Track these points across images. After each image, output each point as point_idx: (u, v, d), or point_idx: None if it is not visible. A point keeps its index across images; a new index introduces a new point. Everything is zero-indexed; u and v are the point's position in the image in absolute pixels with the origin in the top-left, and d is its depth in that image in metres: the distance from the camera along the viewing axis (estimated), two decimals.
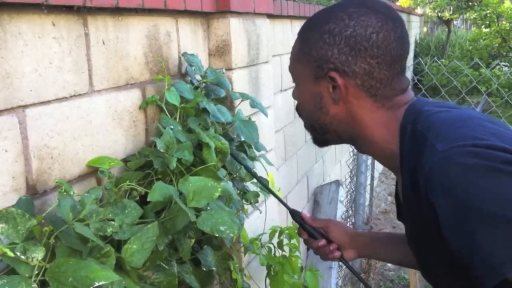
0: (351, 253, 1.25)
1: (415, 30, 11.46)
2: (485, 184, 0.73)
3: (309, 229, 1.24)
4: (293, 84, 1.06)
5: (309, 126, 1.05)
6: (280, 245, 1.69)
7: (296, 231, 1.30)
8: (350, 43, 0.91)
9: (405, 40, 0.94)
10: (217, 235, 1.04)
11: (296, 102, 1.07)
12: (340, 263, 1.34)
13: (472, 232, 0.73)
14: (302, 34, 1.00)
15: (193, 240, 1.19)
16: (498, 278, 0.70)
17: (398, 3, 8.59)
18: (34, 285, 0.78)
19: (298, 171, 2.88)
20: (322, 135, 1.03)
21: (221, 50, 1.62)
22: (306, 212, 1.27)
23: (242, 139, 1.47)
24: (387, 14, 0.93)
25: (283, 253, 1.68)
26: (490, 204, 0.72)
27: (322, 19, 0.95)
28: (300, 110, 1.06)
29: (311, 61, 0.95)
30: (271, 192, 1.34)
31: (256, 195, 1.52)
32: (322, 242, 1.22)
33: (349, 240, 1.23)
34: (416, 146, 0.86)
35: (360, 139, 0.99)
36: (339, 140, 1.04)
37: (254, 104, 1.56)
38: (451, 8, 10.49)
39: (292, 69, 1.03)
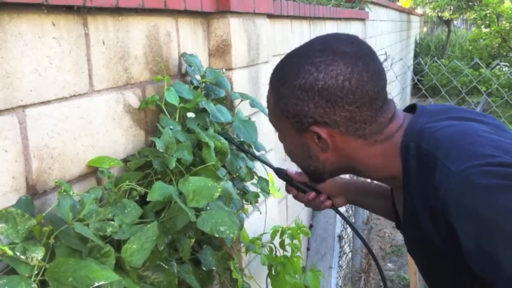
0: (340, 200, 1.24)
1: (415, 30, 11.46)
2: (505, 203, 0.74)
3: (298, 184, 1.23)
4: None
5: (303, 171, 1.07)
6: (282, 245, 1.69)
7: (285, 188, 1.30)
8: (324, 95, 0.88)
9: (380, 72, 0.91)
10: (217, 236, 1.04)
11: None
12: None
13: (495, 254, 0.74)
14: (274, 87, 0.97)
15: (193, 240, 1.19)
16: None
17: (398, 3, 8.59)
18: (34, 285, 0.78)
19: (298, 171, 2.87)
20: (317, 176, 1.04)
21: (221, 50, 1.62)
22: (290, 168, 1.25)
23: (242, 139, 1.47)
24: (354, 54, 0.89)
25: (285, 253, 1.68)
26: (510, 223, 0.73)
27: (290, 73, 0.92)
28: (289, 156, 1.05)
29: (289, 116, 0.93)
30: (256, 157, 1.33)
31: (256, 195, 1.52)
32: (312, 194, 1.20)
33: (338, 189, 1.23)
34: (424, 165, 0.85)
35: (357, 172, 0.99)
36: (335, 175, 1.05)
37: (254, 104, 1.56)
38: (451, 8, 10.50)
39: (272, 121, 1.02)
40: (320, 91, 0.88)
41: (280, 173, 1.26)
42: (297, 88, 0.90)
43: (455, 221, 0.78)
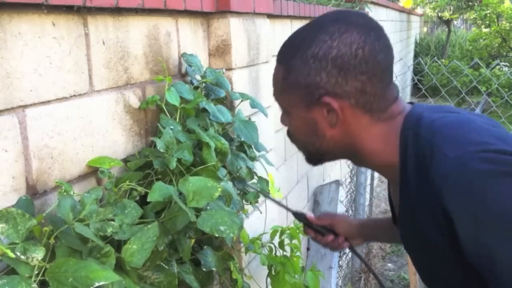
0: (358, 241, 1.32)
1: (415, 30, 11.46)
2: (501, 189, 0.74)
3: (317, 227, 1.31)
4: None
5: (303, 151, 1.03)
6: (281, 245, 1.69)
7: (302, 229, 1.40)
8: (337, 64, 0.87)
9: (390, 47, 0.92)
10: (217, 235, 1.04)
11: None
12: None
13: (491, 239, 0.75)
14: (283, 61, 0.95)
15: (193, 240, 1.19)
16: None
17: (400, 4, 8.58)
18: (34, 285, 0.78)
19: (298, 171, 2.88)
20: (317, 157, 1.02)
21: (221, 50, 1.62)
22: (309, 212, 1.33)
23: (242, 139, 1.47)
24: (366, 25, 0.90)
25: (284, 253, 1.68)
26: (508, 209, 0.73)
27: (303, 43, 0.91)
28: (292, 136, 1.03)
29: (299, 89, 0.92)
30: (275, 201, 1.40)
31: (256, 195, 1.52)
32: (331, 237, 1.29)
33: (355, 231, 1.30)
34: (421, 152, 0.85)
35: (358, 155, 0.98)
36: (335, 159, 1.03)
37: (254, 104, 1.56)
38: (451, 8, 10.49)
39: (279, 98, 0.99)
40: (334, 59, 0.87)
41: (300, 216, 1.32)
42: (310, 57, 0.89)
43: (452, 208, 0.78)
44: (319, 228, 1.30)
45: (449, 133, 0.83)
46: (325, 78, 0.88)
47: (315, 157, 1.03)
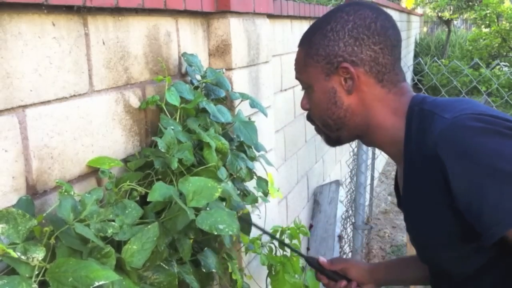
0: (370, 286, 1.33)
1: (415, 30, 11.46)
2: (490, 144, 0.82)
3: (329, 273, 1.31)
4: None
5: (323, 125, 1.08)
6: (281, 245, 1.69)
7: (315, 275, 1.39)
8: (353, 34, 0.98)
9: (398, 29, 1.03)
10: (216, 233, 1.04)
11: (306, 112, 1.11)
12: None
13: (480, 186, 0.81)
14: (304, 42, 1.06)
15: (191, 240, 1.18)
16: (505, 228, 0.78)
17: (403, 5, 8.57)
18: (35, 285, 0.78)
19: (298, 171, 2.87)
20: (336, 131, 1.06)
21: (221, 50, 1.62)
22: (322, 257, 1.33)
23: (242, 139, 1.47)
24: (377, 7, 1.03)
25: (284, 253, 1.68)
26: (496, 161, 0.80)
27: (322, 23, 1.03)
28: (313, 114, 1.08)
29: (319, 60, 1.01)
30: (288, 246, 1.44)
31: (255, 200, 1.51)
32: (344, 283, 1.30)
33: (368, 276, 1.31)
34: (423, 122, 0.93)
35: (370, 129, 1.03)
36: (350, 137, 1.08)
37: (254, 104, 1.56)
38: (451, 8, 10.49)
39: (301, 76, 1.07)
40: (350, 30, 0.98)
41: (312, 261, 1.33)
42: (328, 31, 1.00)
43: (446, 159, 0.85)
44: (332, 273, 1.30)
45: (449, 104, 0.93)
46: (343, 47, 0.99)
47: (333, 134, 1.08)
